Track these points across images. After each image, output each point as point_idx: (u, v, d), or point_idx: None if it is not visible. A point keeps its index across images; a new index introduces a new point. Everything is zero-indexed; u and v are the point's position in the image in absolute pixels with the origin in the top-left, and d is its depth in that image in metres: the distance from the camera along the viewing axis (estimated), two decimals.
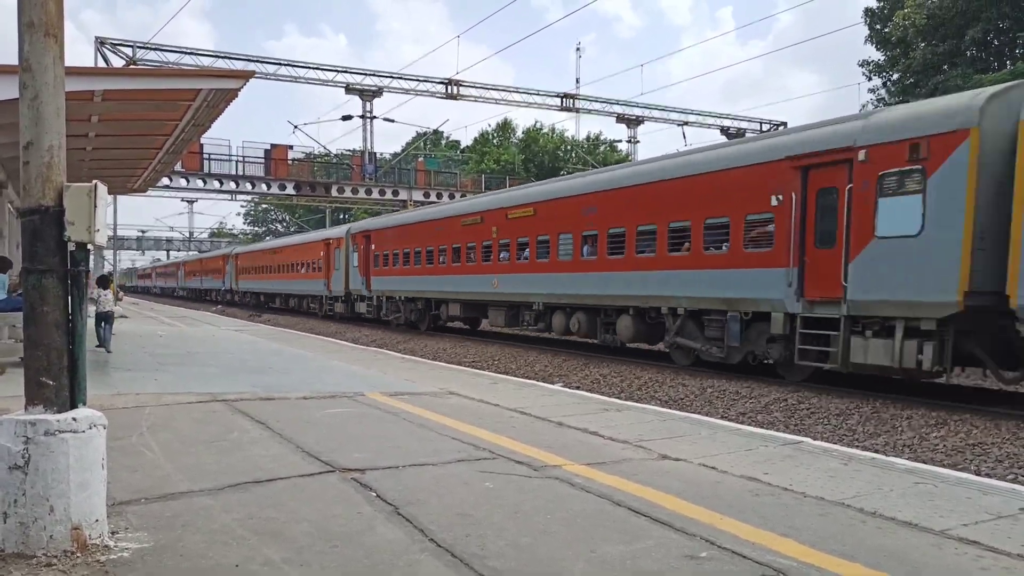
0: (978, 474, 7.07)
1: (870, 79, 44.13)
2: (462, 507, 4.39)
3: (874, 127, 10.86)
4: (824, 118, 13.87)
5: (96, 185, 3.57)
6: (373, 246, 28.52)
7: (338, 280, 31.57)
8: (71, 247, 3.61)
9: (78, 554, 3.47)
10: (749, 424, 9.56)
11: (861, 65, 44.06)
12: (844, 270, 10.98)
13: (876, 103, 42.96)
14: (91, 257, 3.77)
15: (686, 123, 50.46)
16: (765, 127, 50.72)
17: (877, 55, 42.80)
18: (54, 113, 3.60)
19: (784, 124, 50.35)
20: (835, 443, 8.24)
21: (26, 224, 3.55)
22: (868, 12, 41.83)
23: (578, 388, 12.50)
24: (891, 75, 42.56)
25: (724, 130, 51.13)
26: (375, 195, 48.07)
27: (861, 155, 10.79)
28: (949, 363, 10.12)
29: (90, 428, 3.56)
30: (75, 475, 3.49)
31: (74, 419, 3.52)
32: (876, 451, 8.20)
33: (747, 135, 49.20)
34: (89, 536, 3.55)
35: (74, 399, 3.60)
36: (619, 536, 3.97)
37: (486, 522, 4.13)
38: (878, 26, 41.33)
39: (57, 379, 3.53)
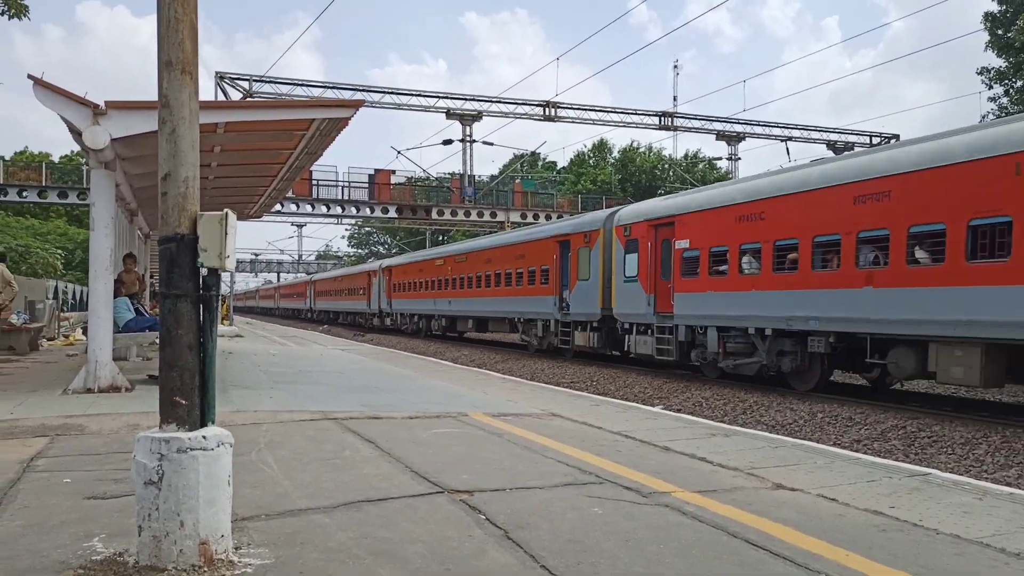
0: None
1: (990, 87, 41.71)
2: (572, 533, 4.34)
3: None
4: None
5: (227, 213, 3.74)
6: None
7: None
8: (203, 272, 3.79)
9: (205, 568, 3.59)
10: (866, 452, 9.08)
11: (980, 73, 41.72)
12: None
13: (998, 112, 40.51)
14: (220, 282, 3.94)
15: (790, 138, 49.05)
16: (876, 141, 48.63)
17: (998, 62, 40.42)
18: (190, 146, 3.81)
19: (896, 137, 48.13)
20: (962, 474, 7.73)
21: (163, 252, 3.75)
22: (988, 16, 39.60)
23: (679, 411, 12.22)
24: (1014, 82, 40.09)
25: (831, 144, 49.35)
26: (473, 217, 48.89)
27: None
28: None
29: (218, 446, 3.70)
30: (204, 491, 3.62)
31: (204, 437, 3.66)
32: (1009, 484, 7.64)
33: (856, 149, 47.30)
34: (215, 551, 3.67)
35: (204, 418, 3.75)
36: (738, 570, 3.82)
37: (597, 549, 4.06)
38: (999, 31, 39.04)
39: (189, 398, 3.70)
